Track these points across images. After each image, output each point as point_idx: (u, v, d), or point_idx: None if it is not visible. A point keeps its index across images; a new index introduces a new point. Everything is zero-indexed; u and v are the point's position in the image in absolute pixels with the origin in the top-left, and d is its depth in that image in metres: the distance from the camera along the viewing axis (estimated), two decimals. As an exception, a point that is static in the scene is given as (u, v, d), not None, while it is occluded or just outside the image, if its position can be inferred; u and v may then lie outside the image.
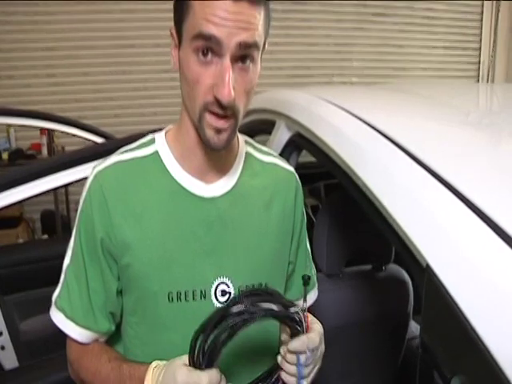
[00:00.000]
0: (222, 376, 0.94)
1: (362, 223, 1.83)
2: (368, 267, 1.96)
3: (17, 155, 4.45)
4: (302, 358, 0.99)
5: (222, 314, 0.90)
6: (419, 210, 0.99)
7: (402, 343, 2.03)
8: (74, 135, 2.69)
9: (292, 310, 0.96)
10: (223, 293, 1.10)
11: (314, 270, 1.35)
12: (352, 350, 1.87)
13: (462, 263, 0.85)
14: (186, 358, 0.93)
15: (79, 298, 1.10)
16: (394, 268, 1.97)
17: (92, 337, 1.13)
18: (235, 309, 0.90)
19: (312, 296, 1.34)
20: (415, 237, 0.97)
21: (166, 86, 4.77)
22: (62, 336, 1.15)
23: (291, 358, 1.00)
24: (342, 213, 1.86)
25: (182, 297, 1.07)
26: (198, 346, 0.91)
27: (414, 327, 2.29)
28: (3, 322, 2.25)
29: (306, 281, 1.03)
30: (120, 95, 4.82)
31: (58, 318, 1.12)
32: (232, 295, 1.10)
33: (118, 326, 1.18)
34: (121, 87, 4.81)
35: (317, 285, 1.36)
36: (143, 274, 1.06)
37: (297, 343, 0.98)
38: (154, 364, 1.00)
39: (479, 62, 6.02)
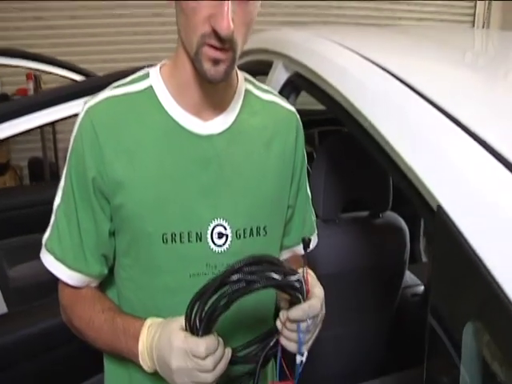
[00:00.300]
0: (220, 342, 0.92)
1: (359, 169, 1.82)
2: (365, 214, 1.94)
3: (2, 100, 4.33)
4: (303, 325, 0.95)
5: (220, 281, 0.88)
6: (430, 150, 0.95)
7: (397, 291, 2.04)
8: (62, 77, 2.59)
9: (292, 278, 0.92)
10: (220, 235, 1.05)
11: (313, 216, 1.31)
12: (348, 297, 1.86)
13: (475, 203, 0.81)
14: (182, 321, 0.91)
15: (69, 240, 1.06)
16: (390, 215, 1.96)
17: (83, 280, 1.09)
18: (235, 277, 0.87)
19: (311, 242, 1.30)
20: (426, 177, 0.92)
21: (157, 31, 4.64)
22: (53, 282, 1.12)
23: (291, 325, 0.96)
24: (338, 158, 1.83)
25: (177, 238, 1.03)
26: (194, 313, 0.89)
27: (409, 277, 2.30)
28: (-9, 267, 2.22)
29: (307, 243, 0.99)
30: (110, 40, 4.69)
31: (47, 260, 1.09)
32: (229, 238, 1.06)
33: (112, 270, 1.14)
34: (111, 31, 4.67)
35: (316, 231, 1.32)
36: (136, 214, 1.02)
37: (298, 312, 0.94)
38: (148, 322, 0.99)
39: (474, 14, 5.92)
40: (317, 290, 0.99)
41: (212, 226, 1.05)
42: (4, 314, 2.15)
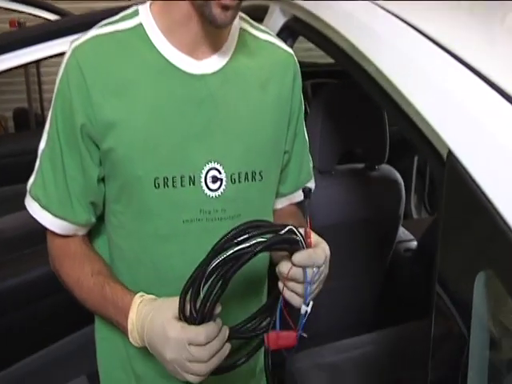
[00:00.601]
0: (221, 334, 0.89)
1: (355, 120, 1.80)
2: (361, 166, 1.92)
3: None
4: (309, 271, 0.90)
5: (209, 264, 0.84)
6: (440, 94, 0.90)
7: (391, 245, 2.04)
8: (47, 20, 2.48)
9: (282, 231, 0.87)
10: (214, 179, 1.01)
11: (310, 163, 1.27)
12: (343, 250, 1.83)
13: (488, 147, 0.78)
14: (175, 308, 0.88)
15: (55, 187, 1.02)
16: (386, 168, 1.95)
17: (70, 228, 1.05)
18: (223, 255, 0.83)
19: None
20: (435, 121, 0.87)
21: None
22: (39, 234, 1.09)
23: (296, 272, 0.90)
24: (334, 109, 1.80)
25: (170, 183, 0.99)
26: (188, 301, 0.86)
27: (402, 232, 2.29)
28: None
29: (307, 193, 0.95)
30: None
31: (32, 207, 1.04)
32: (224, 182, 1.02)
33: (101, 218, 1.10)
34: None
35: (313, 178, 1.28)
36: (127, 158, 0.97)
37: (302, 255, 0.89)
38: (138, 298, 0.96)
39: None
40: (322, 245, 0.94)
41: (206, 169, 1.00)
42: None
